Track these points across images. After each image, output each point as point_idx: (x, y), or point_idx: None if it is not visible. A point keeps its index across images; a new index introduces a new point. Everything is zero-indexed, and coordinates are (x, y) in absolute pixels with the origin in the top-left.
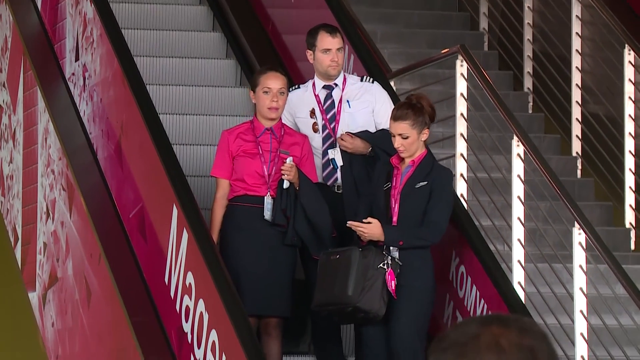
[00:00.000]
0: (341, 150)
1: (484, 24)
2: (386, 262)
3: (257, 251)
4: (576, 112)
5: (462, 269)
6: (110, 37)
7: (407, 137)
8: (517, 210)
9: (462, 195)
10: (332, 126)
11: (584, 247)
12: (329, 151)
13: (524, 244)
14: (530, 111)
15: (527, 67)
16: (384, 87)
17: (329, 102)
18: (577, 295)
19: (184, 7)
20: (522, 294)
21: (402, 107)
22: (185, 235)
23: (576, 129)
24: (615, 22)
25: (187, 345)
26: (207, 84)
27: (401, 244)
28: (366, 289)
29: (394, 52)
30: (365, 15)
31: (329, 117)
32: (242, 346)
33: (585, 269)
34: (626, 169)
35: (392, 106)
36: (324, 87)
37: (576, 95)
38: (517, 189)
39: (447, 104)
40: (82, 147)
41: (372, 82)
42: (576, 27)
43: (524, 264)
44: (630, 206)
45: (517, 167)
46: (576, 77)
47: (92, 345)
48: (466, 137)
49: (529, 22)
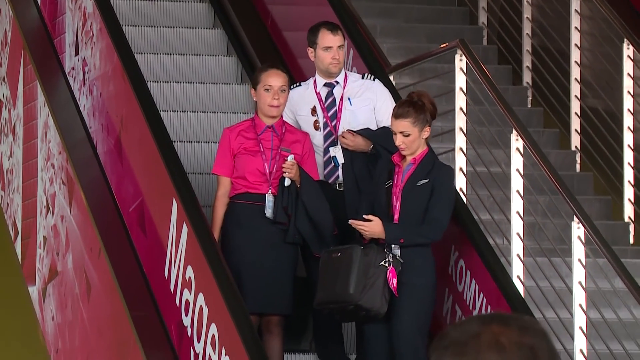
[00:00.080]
0: (342, 148)
1: (483, 18)
2: (387, 259)
3: (258, 249)
4: (575, 106)
5: (461, 263)
6: (109, 32)
7: (408, 135)
8: (516, 204)
9: (461, 189)
10: (333, 124)
11: (583, 241)
12: (330, 149)
13: (523, 238)
14: (529, 105)
15: (526, 61)
16: (384, 84)
17: (330, 99)
18: (576, 289)
19: (185, 4)
20: (521, 288)
21: (404, 104)
22: (185, 229)
23: (575, 123)
24: (614, 17)
25: (187, 339)
26: (208, 81)
27: (402, 241)
28: (367, 287)
29: (393, 46)
30: (364, 9)
31: (330, 114)
32: (241, 340)
33: (584, 263)
34: (625, 163)
35: (393, 103)
36: (325, 84)
37: (575, 89)
38: (516, 183)
39: (446, 98)
40: (82, 141)
41: (374, 80)
42: (575, 21)
43: (523, 258)
44: (629, 200)
45: (516, 161)
46: (575, 72)
47: (92, 339)
48: (465, 132)
49: (528, 17)
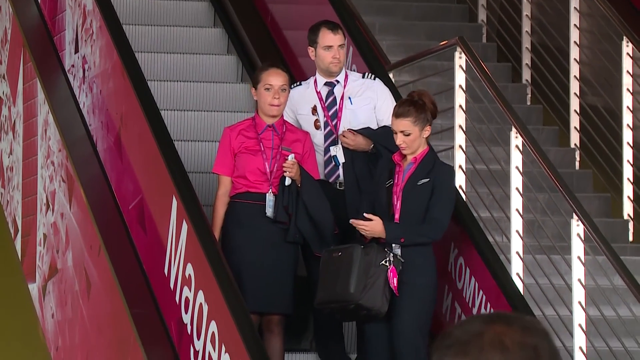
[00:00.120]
0: (343, 147)
1: (482, 16)
2: (388, 259)
3: (259, 248)
4: (574, 104)
5: (460, 260)
6: (109, 29)
7: (409, 134)
8: (516, 201)
9: (460, 186)
10: (333, 123)
11: (582, 238)
12: (331, 148)
13: (522, 235)
14: (528, 103)
15: (526, 59)
16: (384, 82)
17: (331, 99)
18: (576, 286)
19: (185, 3)
20: (520, 286)
21: (404, 104)
22: (184, 226)
23: (574, 121)
24: (613, 14)
25: (187, 336)
26: (209, 80)
27: (403, 241)
28: (368, 286)
29: (392, 44)
30: (364, 7)
31: (330, 114)
32: (241, 337)
33: (583, 260)
34: (624, 160)
35: (394, 103)
36: (326, 84)
37: (574, 87)
38: (516, 181)
39: (445, 95)
40: (82, 138)
41: (374, 79)
42: (574, 19)
43: (522, 256)
44: (628, 197)
45: (516, 159)
46: (574, 69)
47: (92, 336)
48: (465, 129)
49: (527, 14)
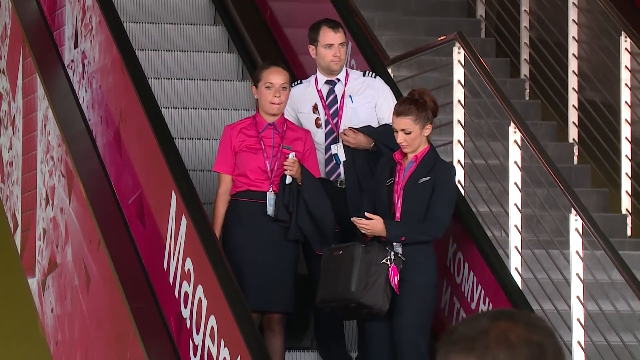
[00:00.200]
0: (344, 145)
1: (481, 11)
2: (389, 257)
3: (259, 247)
4: (573, 99)
5: (459, 255)
6: (108, 24)
7: (409, 133)
8: (514, 196)
9: (459, 181)
10: (334, 121)
11: (581, 233)
12: (332, 146)
13: (521, 230)
14: (527, 98)
15: (524, 54)
16: (383, 78)
17: (332, 97)
18: (574, 281)
19: (186, 0)
20: (519, 280)
21: (405, 102)
22: (184, 221)
23: (573, 116)
24: (611, 10)
25: (186, 330)
26: (209, 78)
27: (403, 239)
28: (369, 284)
29: (391, 39)
30: (363, 2)
31: (331, 112)
32: (240, 331)
33: (581, 255)
34: (622, 155)
35: (395, 101)
36: (327, 82)
37: (573, 82)
38: (514, 176)
39: (444, 91)
40: (81, 133)
41: (375, 77)
42: (573, 14)
43: (521, 250)
44: (626, 192)
45: (514, 154)
46: (573, 64)
47: (91, 330)
48: (463, 124)
49: (525, 9)
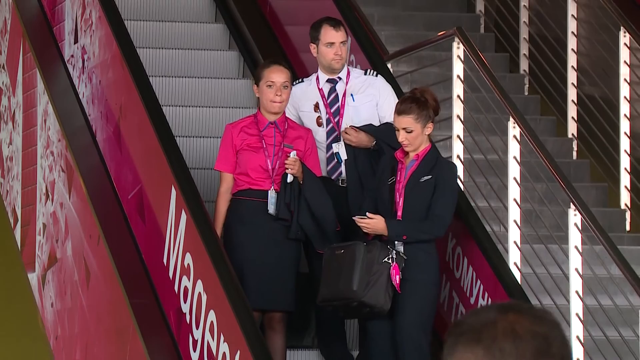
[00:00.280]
0: (345, 144)
1: (480, 6)
2: (391, 256)
3: (261, 245)
4: (572, 94)
5: (458, 250)
6: (108, 20)
7: (411, 131)
8: (513, 191)
9: (458, 176)
10: (336, 120)
11: (580, 228)
12: (333, 145)
13: (520, 225)
14: (526, 93)
15: (523, 49)
16: (384, 74)
17: (333, 95)
18: (573, 275)
19: None
20: (518, 275)
21: (406, 101)
22: (183, 216)
23: (572, 111)
24: (610, 5)
25: (186, 325)
26: (210, 76)
27: (405, 238)
28: (371, 283)
29: (391, 34)
30: None
31: (332, 110)
32: (239, 326)
33: (580, 250)
34: (621, 150)
35: (396, 99)
36: (328, 80)
37: (572, 77)
38: (513, 171)
39: (443, 86)
40: (81, 128)
41: (376, 76)
42: (572, 9)
43: (520, 245)
44: (625, 187)
45: (513, 149)
46: (572, 59)
47: (91, 325)
48: (462, 119)
49: (525, 5)
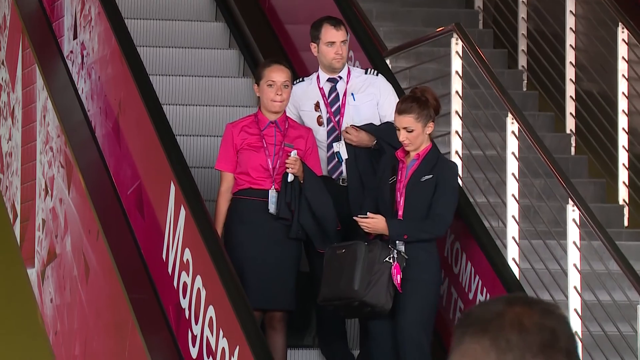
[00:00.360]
0: (346, 143)
1: (478, 2)
2: (392, 256)
3: (261, 245)
4: (570, 89)
5: (457, 245)
6: (107, 15)
7: (411, 131)
8: (512, 187)
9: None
10: (336, 119)
11: (578, 223)
12: (334, 144)
13: (518, 220)
14: (524, 89)
15: (522, 45)
16: (383, 72)
17: (334, 95)
18: (571, 271)
19: None
20: (516, 271)
21: (407, 100)
22: (182, 212)
23: (570, 107)
24: (608, 1)
25: (185, 321)
26: (210, 75)
27: (406, 237)
28: (372, 283)
29: (389, 30)
30: None
31: (333, 110)
32: (238, 321)
33: (579, 246)
34: (619, 146)
35: (397, 99)
36: (328, 80)
37: (570, 73)
38: (512, 166)
39: (442, 81)
40: (81, 124)
41: (377, 75)
42: (570, 5)
43: (518, 241)
44: (623, 183)
45: (512, 145)
46: (570, 55)
47: (90, 321)
48: (461, 115)
49: (523, 1)
